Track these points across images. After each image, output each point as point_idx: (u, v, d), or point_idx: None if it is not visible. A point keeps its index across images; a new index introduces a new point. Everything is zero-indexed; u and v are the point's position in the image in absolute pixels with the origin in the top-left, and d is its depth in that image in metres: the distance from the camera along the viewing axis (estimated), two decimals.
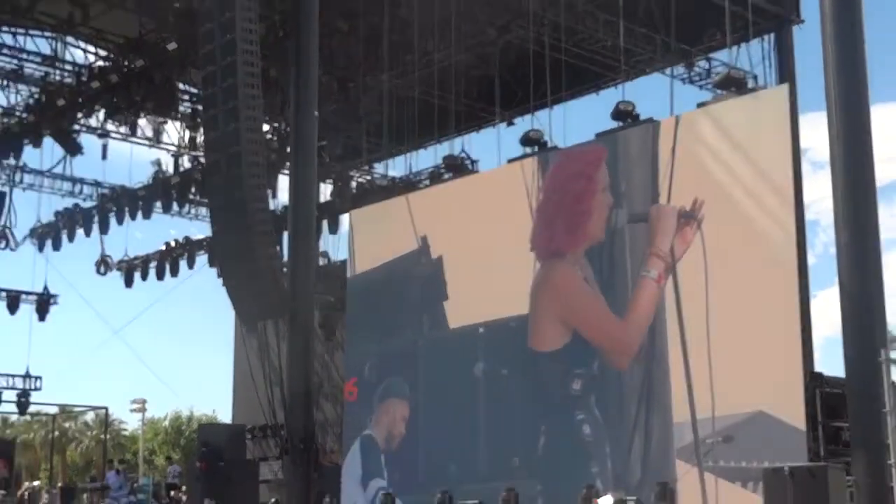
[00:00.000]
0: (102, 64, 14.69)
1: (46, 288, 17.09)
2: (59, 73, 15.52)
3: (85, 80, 14.64)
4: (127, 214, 16.26)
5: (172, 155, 16.68)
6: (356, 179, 17.15)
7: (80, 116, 15.32)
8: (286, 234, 12.37)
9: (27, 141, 15.59)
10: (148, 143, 16.76)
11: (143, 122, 16.16)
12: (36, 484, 14.77)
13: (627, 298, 9.00)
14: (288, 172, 12.88)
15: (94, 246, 17.28)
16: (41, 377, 17.29)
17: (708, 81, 13.44)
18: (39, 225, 17.28)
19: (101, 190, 17.12)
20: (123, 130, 16.08)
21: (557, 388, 9.31)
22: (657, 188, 8.96)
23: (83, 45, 15.33)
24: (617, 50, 12.18)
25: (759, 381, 8.00)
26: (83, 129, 15.81)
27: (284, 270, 11.65)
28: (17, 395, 17.02)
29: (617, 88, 13.02)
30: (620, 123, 9.68)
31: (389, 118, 13.58)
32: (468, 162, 13.18)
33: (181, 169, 16.37)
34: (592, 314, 9.30)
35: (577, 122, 15.60)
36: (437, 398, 10.44)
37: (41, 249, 17.18)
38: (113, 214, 16.51)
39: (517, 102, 13.78)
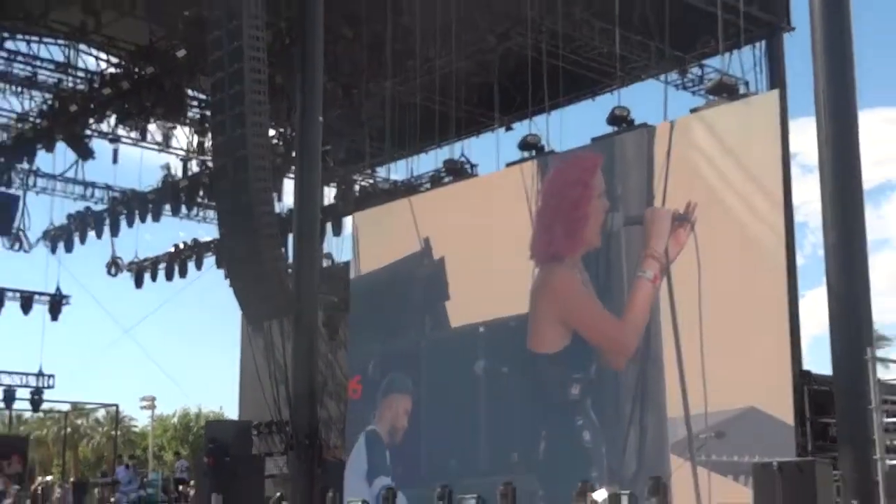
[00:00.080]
0: (114, 71, 15.01)
1: (59, 288, 17.39)
2: (71, 79, 15.83)
3: (97, 86, 14.96)
4: (137, 217, 16.57)
5: (181, 159, 17.02)
6: (359, 183, 17.33)
7: (91, 122, 15.62)
8: (291, 236, 12.65)
9: (40, 146, 15.93)
10: (157, 147, 17.08)
11: (152, 127, 16.45)
12: (49, 479, 14.99)
13: (624, 300, 9.18)
14: (293, 176, 13.16)
15: (105, 248, 17.65)
16: (54, 375, 17.64)
17: (701, 87, 13.65)
18: (52, 227, 17.61)
19: (111, 193, 17.43)
20: (134, 135, 16.40)
21: (556, 390, 9.49)
22: (652, 191, 9.15)
23: (95, 52, 15.64)
24: (612, 57, 12.34)
25: (749, 378, 8.17)
26: (95, 134, 16.11)
27: (289, 272, 11.93)
28: (30, 392, 17.33)
29: (612, 94, 13.18)
30: (616, 128, 9.89)
31: (392, 123, 13.82)
32: (468, 166, 13.42)
33: (190, 173, 16.64)
34: (591, 315, 9.48)
35: (573, 126, 15.90)
36: (438, 395, 10.62)
37: (54, 251, 17.53)
38: (123, 217, 16.80)
39: (516, 108, 14.00)
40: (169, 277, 17.82)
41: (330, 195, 16.24)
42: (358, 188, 17.11)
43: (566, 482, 8.54)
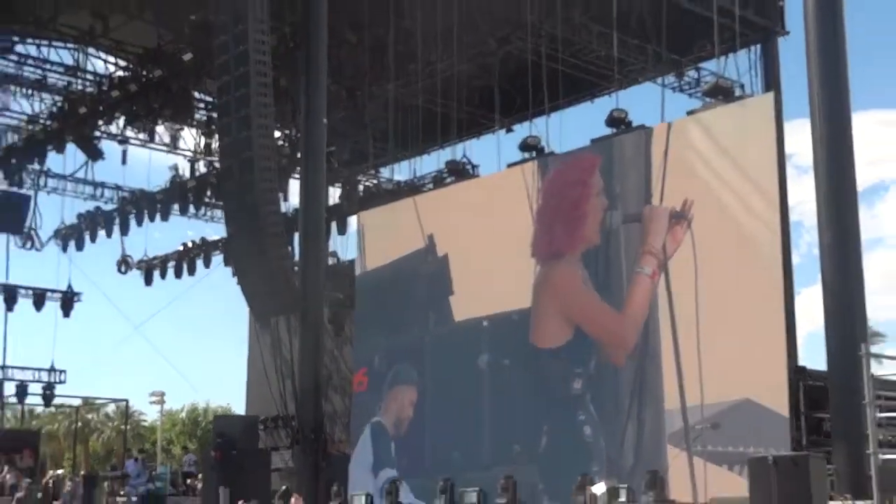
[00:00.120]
0: (122, 74, 15.24)
1: (70, 286, 17.66)
2: (81, 82, 16.06)
3: (106, 89, 15.18)
4: (146, 216, 16.81)
5: (189, 160, 17.24)
6: (363, 183, 17.51)
7: (101, 123, 15.85)
8: (297, 235, 12.86)
9: (51, 147, 16.17)
10: (165, 148, 17.31)
11: (160, 128, 16.68)
12: (60, 472, 15.12)
13: (623, 295, 9.35)
14: (298, 177, 13.42)
15: (115, 246, 17.92)
16: (65, 371, 17.87)
17: (697, 90, 13.81)
18: (63, 226, 17.88)
19: (121, 193, 17.69)
20: (142, 137, 16.64)
21: (559, 385, 9.66)
22: (650, 190, 9.33)
23: (104, 55, 15.85)
24: (611, 60, 12.47)
25: (745, 371, 8.33)
26: (104, 135, 16.35)
27: (296, 269, 12.13)
28: (42, 387, 17.55)
29: (611, 97, 13.28)
30: (614, 130, 10.09)
31: (395, 125, 14.00)
32: (469, 167, 13.57)
33: (197, 173, 16.88)
34: (592, 309, 9.66)
35: (572, 128, 16.14)
36: (442, 389, 10.80)
37: (65, 250, 17.80)
38: (133, 216, 17.06)
39: (516, 110, 14.16)
40: (178, 275, 18.01)
41: (335, 195, 16.44)
42: (362, 188, 17.30)
43: (567, 476, 8.67)
